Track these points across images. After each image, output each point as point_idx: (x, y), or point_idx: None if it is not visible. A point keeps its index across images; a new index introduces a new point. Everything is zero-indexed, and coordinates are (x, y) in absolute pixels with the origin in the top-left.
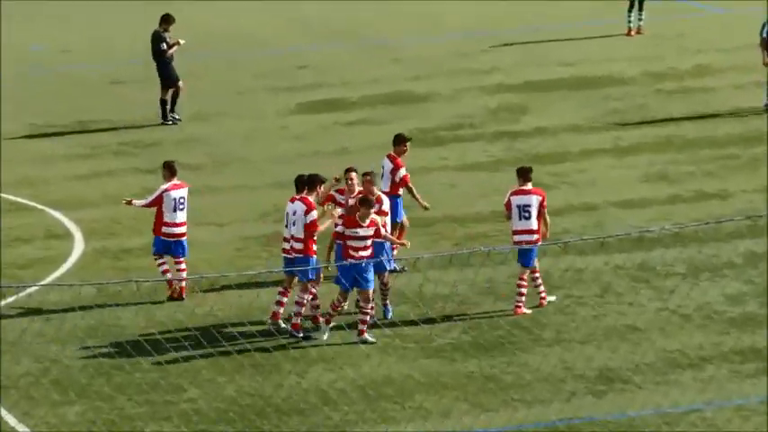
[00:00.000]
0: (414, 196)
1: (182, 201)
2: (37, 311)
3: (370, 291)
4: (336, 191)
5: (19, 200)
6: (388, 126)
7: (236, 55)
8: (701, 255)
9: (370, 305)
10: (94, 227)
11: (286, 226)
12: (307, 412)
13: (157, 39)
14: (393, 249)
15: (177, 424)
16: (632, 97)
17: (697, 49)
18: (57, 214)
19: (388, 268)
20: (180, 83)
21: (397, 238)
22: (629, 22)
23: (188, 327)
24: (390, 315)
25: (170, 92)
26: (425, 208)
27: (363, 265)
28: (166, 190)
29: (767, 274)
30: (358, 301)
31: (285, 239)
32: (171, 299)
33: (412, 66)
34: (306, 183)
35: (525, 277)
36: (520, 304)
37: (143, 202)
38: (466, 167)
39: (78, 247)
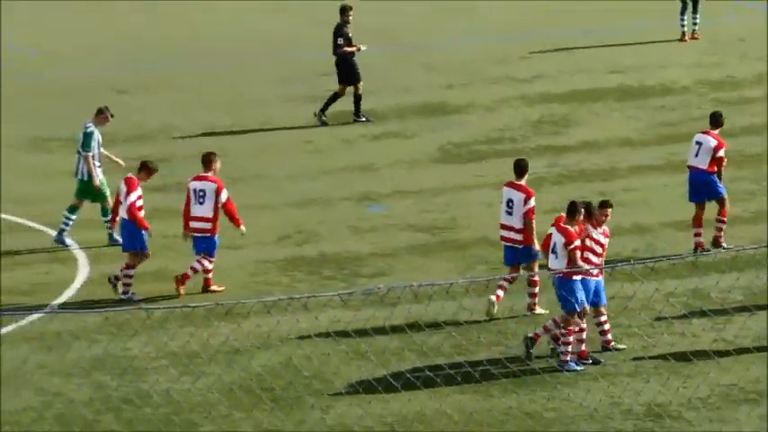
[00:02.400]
0: (720, 176)
1: (201, 194)
2: (39, 341)
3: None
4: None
5: (18, 220)
6: (419, 140)
7: (252, 59)
8: (758, 280)
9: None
10: (100, 250)
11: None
12: None
13: (336, 32)
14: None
15: None
16: (687, 108)
17: (759, 55)
18: (47, 231)
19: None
20: (360, 83)
21: (721, 213)
22: (683, 26)
23: (202, 357)
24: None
25: (346, 90)
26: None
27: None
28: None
29: None
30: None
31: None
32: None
33: (446, 73)
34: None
35: None
36: None
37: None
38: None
39: (83, 271)
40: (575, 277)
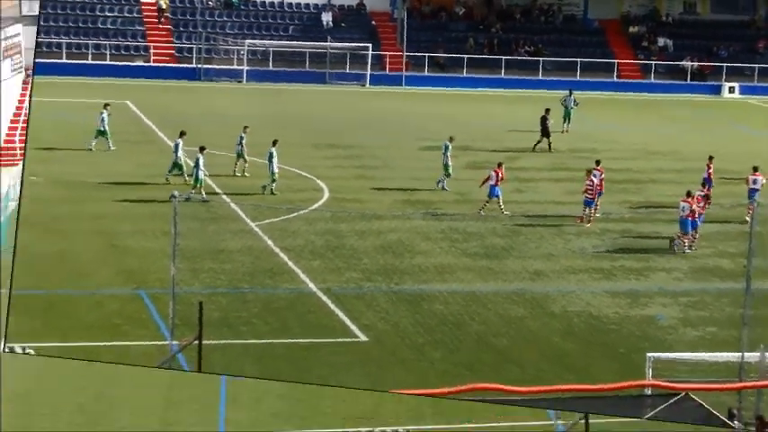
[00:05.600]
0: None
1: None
2: (305, 221)
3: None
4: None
5: (303, 173)
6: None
7: (401, 126)
8: (584, 230)
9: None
10: (332, 188)
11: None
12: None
13: (542, 118)
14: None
15: (365, 330)
16: (565, 159)
17: (595, 139)
18: (318, 182)
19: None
20: (550, 138)
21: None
22: (563, 127)
23: (364, 262)
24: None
25: (545, 140)
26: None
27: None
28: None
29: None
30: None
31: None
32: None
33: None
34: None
35: None
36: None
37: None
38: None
39: (325, 195)
40: (689, 218)
